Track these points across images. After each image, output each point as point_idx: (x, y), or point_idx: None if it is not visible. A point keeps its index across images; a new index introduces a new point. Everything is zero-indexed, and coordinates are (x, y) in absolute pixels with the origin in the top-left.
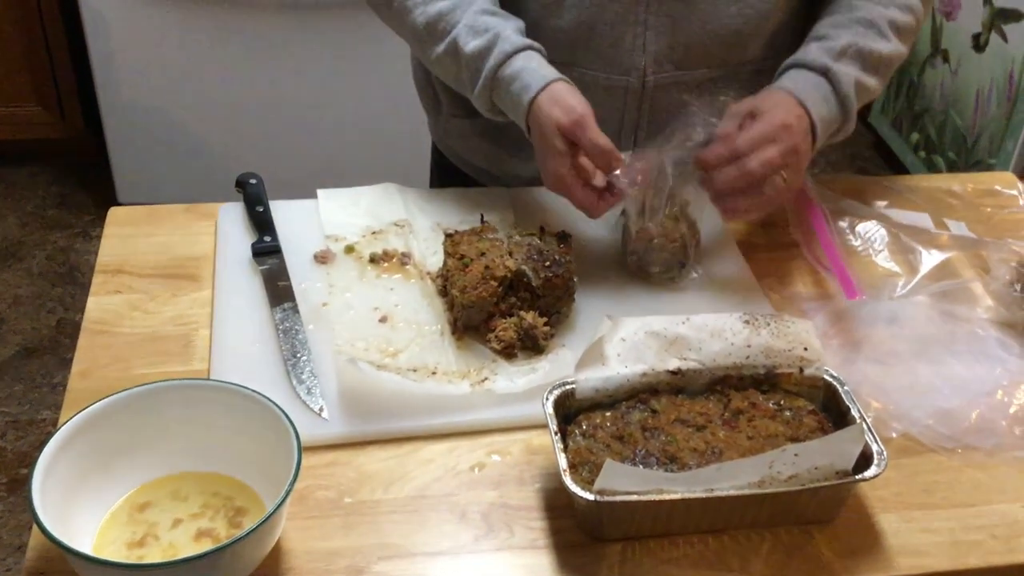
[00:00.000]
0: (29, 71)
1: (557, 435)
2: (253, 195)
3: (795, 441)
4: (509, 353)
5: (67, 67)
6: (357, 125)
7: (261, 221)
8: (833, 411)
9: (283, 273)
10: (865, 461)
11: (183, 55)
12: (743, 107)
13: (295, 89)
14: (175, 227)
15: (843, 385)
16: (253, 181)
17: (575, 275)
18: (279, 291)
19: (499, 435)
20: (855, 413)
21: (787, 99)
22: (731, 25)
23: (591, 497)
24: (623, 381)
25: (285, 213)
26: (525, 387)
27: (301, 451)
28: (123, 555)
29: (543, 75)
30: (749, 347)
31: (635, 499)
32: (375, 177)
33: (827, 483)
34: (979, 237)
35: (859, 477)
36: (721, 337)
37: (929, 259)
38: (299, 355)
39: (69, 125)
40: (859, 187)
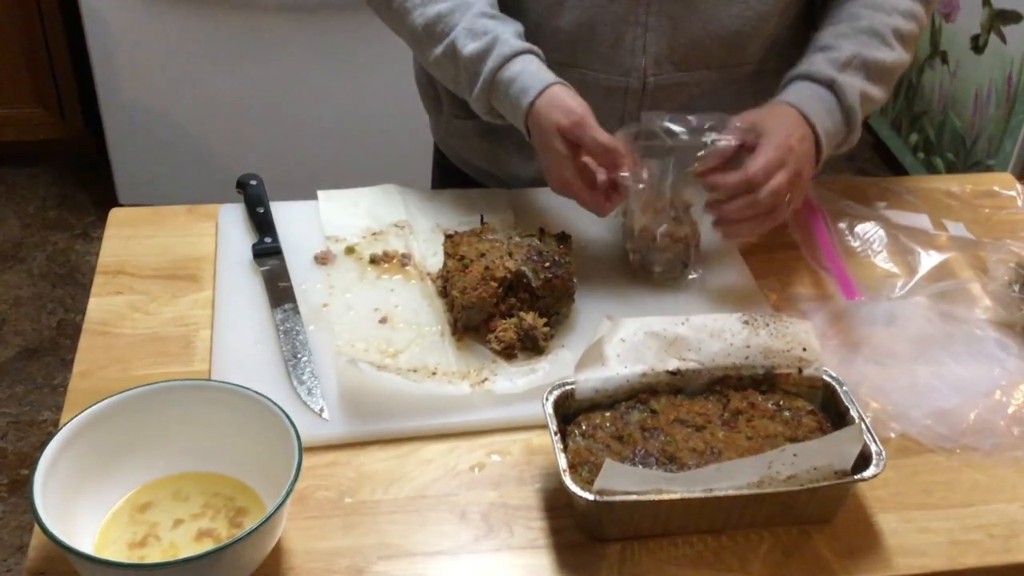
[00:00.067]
0: (29, 71)
1: (557, 435)
2: (254, 196)
3: (794, 441)
4: (509, 354)
5: (67, 67)
6: (358, 126)
7: (262, 222)
8: (832, 411)
9: (284, 274)
10: (864, 461)
11: (183, 55)
12: (747, 121)
13: (296, 90)
14: (176, 228)
15: (842, 385)
16: (254, 182)
17: (575, 276)
18: (280, 292)
19: (499, 435)
20: (854, 413)
21: (793, 115)
22: (731, 26)
23: (591, 497)
24: (623, 381)
25: (286, 214)
26: (525, 387)
27: (302, 451)
28: (124, 555)
29: (541, 78)
30: (748, 347)
31: (634, 499)
32: (376, 178)
33: (826, 483)
34: (977, 238)
35: (858, 477)
36: (720, 337)
37: (928, 260)
38: (300, 356)
39: (69, 126)
40: (858, 188)
